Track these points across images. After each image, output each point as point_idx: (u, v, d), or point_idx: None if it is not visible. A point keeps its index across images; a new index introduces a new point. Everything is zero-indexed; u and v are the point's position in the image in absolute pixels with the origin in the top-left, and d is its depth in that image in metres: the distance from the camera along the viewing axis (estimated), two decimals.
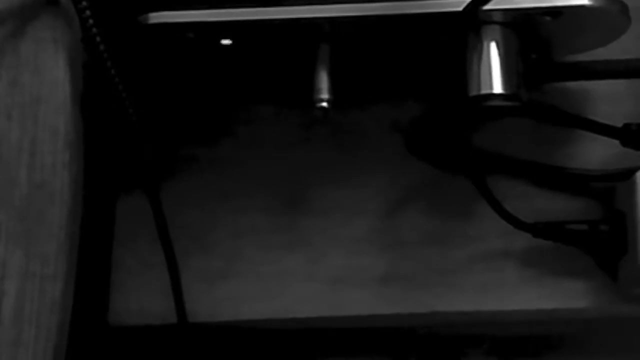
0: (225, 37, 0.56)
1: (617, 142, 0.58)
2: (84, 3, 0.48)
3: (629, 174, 0.56)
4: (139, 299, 0.59)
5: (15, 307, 0.45)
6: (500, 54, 0.55)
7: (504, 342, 0.68)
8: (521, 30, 0.56)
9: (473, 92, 0.55)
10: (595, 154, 0.60)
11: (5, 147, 0.46)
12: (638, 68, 0.62)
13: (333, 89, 0.56)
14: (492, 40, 0.55)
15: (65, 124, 0.47)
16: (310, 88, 0.56)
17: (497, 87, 0.54)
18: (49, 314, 0.45)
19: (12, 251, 0.45)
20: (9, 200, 0.46)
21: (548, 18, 0.54)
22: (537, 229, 0.57)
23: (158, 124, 0.61)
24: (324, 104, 0.55)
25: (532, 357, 0.68)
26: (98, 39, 0.48)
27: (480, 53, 0.55)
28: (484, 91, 0.54)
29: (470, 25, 0.55)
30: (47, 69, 0.48)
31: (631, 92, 0.62)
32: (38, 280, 0.45)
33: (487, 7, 0.53)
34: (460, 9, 0.54)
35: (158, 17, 0.54)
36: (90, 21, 0.48)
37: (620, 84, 0.62)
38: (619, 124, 0.56)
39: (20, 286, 0.45)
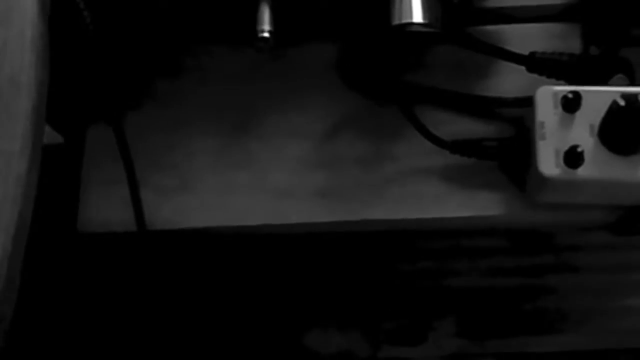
0: None
1: (528, 74, 0.65)
2: None
3: None
4: (104, 211, 0.66)
5: None
6: None
7: (473, 322, 0.74)
8: None
9: (395, 22, 0.62)
10: (508, 83, 0.67)
11: None
12: (549, 13, 0.69)
13: (275, 23, 0.63)
14: None
15: (32, 31, 0.55)
16: (254, 22, 0.63)
17: (417, 17, 0.61)
18: (15, 186, 0.52)
19: None
20: None
21: None
22: (454, 146, 0.64)
23: (122, 60, 0.68)
24: (266, 34, 0.63)
25: (502, 339, 0.73)
26: None
27: None
28: (405, 20, 0.62)
29: None
30: None
31: (543, 35, 0.69)
32: (6, 155, 0.52)
33: None
34: None
35: None
36: None
37: (534, 28, 0.70)
38: None
39: None
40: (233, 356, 0.73)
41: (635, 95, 0.57)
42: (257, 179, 0.66)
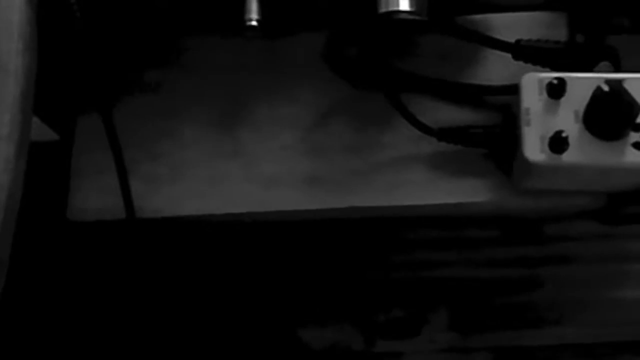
0: None
1: (514, 62, 0.65)
2: None
3: None
4: (94, 199, 0.66)
5: None
6: None
7: (466, 315, 0.74)
8: None
9: (382, 10, 0.62)
10: (494, 71, 0.67)
11: None
12: (536, 2, 0.70)
13: (263, 11, 0.64)
14: None
15: (19, 19, 0.55)
16: (242, 11, 0.64)
17: (404, 5, 0.62)
18: (3, 171, 0.52)
19: None
20: None
21: None
22: (442, 134, 0.64)
23: (112, 48, 0.69)
24: (254, 23, 0.63)
25: (495, 332, 0.73)
26: None
27: None
28: (391, 8, 0.62)
29: None
30: None
31: (529, 23, 0.70)
32: None
33: None
34: None
35: None
36: None
37: (520, 16, 0.70)
38: None
39: None
40: (225, 350, 0.73)
41: (619, 81, 0.58)
42: (247, 167, 0.67)
